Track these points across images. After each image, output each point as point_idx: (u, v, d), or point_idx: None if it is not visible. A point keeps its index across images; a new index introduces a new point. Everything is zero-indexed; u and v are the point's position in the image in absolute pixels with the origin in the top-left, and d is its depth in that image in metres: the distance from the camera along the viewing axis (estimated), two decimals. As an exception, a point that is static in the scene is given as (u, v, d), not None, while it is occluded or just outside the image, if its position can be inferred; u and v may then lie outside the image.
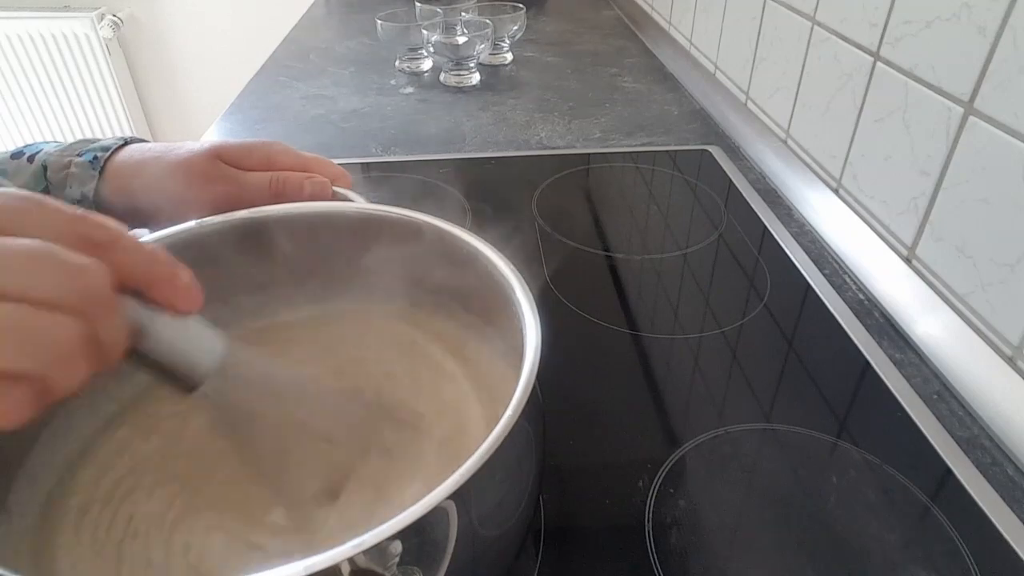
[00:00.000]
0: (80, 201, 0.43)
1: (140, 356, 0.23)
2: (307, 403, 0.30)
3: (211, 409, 0.28)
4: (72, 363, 0.20)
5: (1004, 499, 0.39)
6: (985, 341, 0.47)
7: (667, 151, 0.82)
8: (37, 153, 0.45)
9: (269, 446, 0.29)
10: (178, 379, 0.25)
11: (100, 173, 0.44)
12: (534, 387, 0.26)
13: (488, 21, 1.01)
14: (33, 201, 0.21)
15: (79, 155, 0.44)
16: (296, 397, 0.30)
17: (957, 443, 0.42)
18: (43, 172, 0.44)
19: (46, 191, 0.44)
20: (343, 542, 0.20)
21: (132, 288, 0.23)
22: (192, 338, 0.25)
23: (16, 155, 0.45)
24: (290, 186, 0.42)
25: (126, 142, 0.46)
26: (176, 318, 0.24)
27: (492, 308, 0.33)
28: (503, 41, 1.09)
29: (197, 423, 0.34)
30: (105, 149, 0.45)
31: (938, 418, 0.44)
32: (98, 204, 0.44)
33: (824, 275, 0.59)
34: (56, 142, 0.47)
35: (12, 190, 0.21)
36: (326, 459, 0.30)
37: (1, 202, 0.21)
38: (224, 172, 0.43)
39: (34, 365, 0.19)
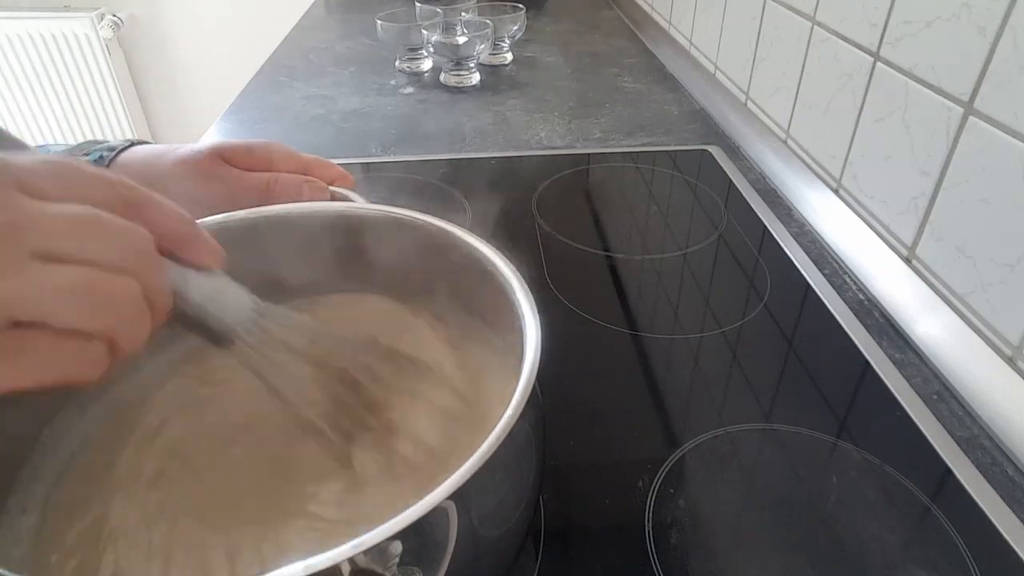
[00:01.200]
0: None
1: (178, 314, 0.25)
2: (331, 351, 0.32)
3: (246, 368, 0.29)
4: (137, 321, 0.22)
5: (1004, 499, 0.39)
6: (985, 341, 0.47)
7: (667, 151, 0.82)
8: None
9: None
10: (213, 333, 0.27)
11: None
12: (534, 387, 0.26)
13: (488, 21, 1.01)
14: (72, 167, 0.22)
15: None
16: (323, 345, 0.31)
17: (957, 443, 0.42)
18: None
19: None
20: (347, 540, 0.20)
21: (165, 248, 0.25)
22: (222, 294, 0.27)
23: None
24: (289, 189, 0.43)
25: (131, 143, 0.46)
26: (205, 275, 0.26)
27: (492, 308, 0.33)
28: (503, 41, 1.09)
29: (195, 419, 0.34)
30: (111, 149, 0.45)
31: (938, 418, 0.44)
32: None
33: (824, 275, 0.59)
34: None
35: (51, 156, 0.22)
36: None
37: (44, 169, 0.21)
38: (224, 172, 0.43)
39: (106, 324, 0.21)
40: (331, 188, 0.44)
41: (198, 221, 0.36)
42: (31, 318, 0.19)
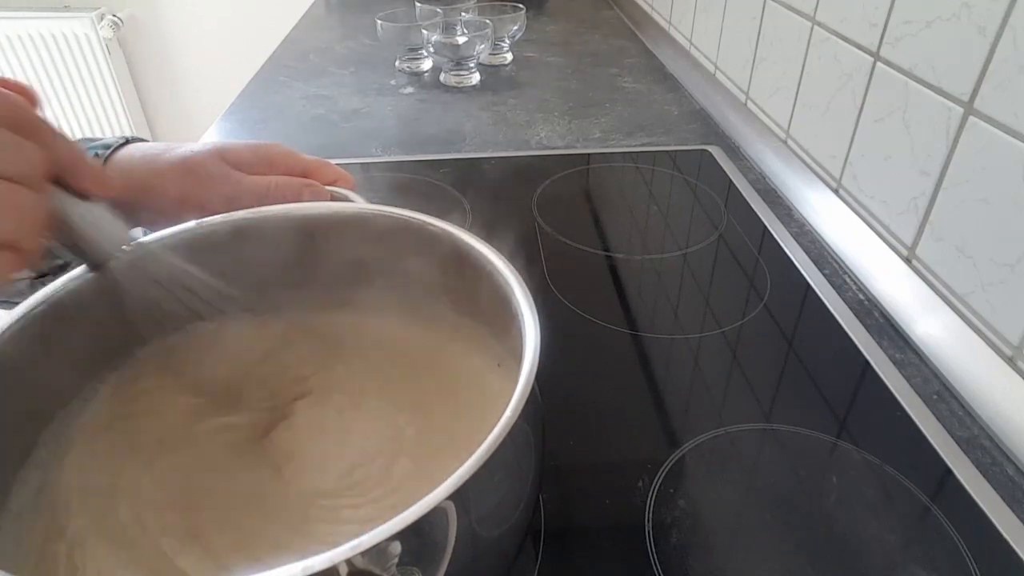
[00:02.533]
0: None
1: (58, 235, 0.28)
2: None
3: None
4: (36, 229, 0.24)
5: (1004, 499, 0.39)
6: (985, 341, 0.47)
7: (667, 151, 0.82)
8: None
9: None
10: (86, 256, 0.30)
11: None
12: (533, 387, 0.26)
13: (488, 21, 1.01)
14: None
15: None
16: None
17: (957, 443, 0.42)
18: None
19: None
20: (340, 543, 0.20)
21: (54, 173, 0.27)
22: (101, 222, 0.30)
23: None
24: (288, 192, 0.42)
25: (127, 141, 0.46)
26: (88, 204, 0.29)
27: (491, 308, 0.33)
28: (503, 41, 1.09)
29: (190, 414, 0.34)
30: (107, 147, 0.45)
31: (938, 418, 0.44)
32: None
33: (824, 275, 0.59)
34: None
35: None
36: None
37: None
38: (225, 173, 0.43)
39: (4, 231, 0.23)
40: (331, 189, 0.44)
41: (198, 221, 0.36)
42: None
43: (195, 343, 0.36)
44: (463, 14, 1.06)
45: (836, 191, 0.65)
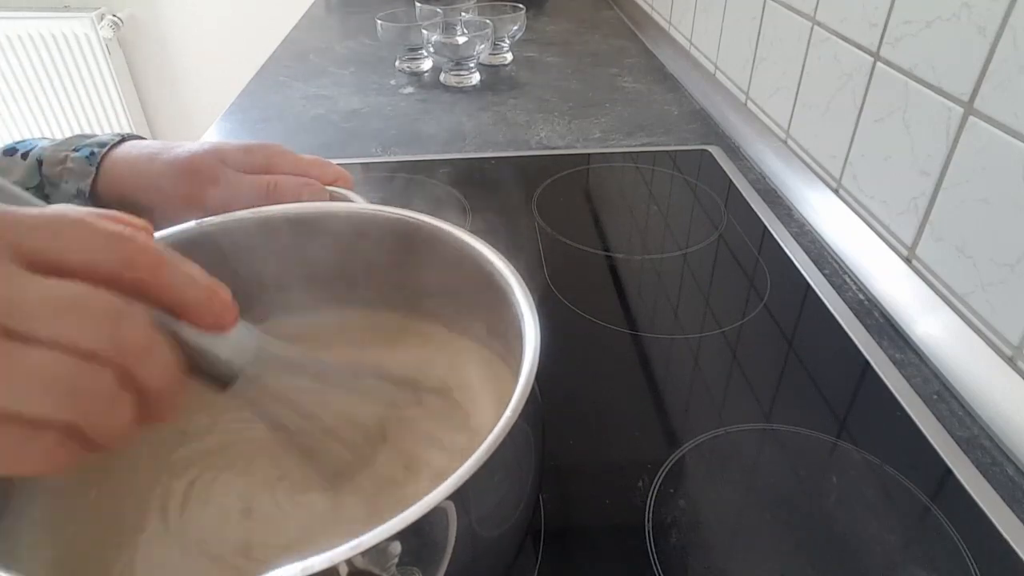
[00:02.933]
0: (76, 197, 0.43)
1: (185, 364, 0.24)
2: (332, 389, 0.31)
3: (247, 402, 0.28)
4: (109, 412, 0.20)
5: (1004, 499, 0.39)
6: (985, 341, 0.47)
7: (667, 151, 0.82)
8: (31, 150, 0.45)
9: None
10: (215, 378, 0.25)
11: (97, 169, 0.44)
12: (533, 387, 0.26)
13: (488, 21, 1.01)
14: (80, 225, 0.20)
15: (75, 150, 0.44)
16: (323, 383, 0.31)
17: (957, 443, 0.42)
18: (37, 167, 0.44)
19: (41, 186, 0.44)
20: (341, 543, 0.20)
21: (177, 313, 0.23)
22: (226, 342, 0.25)
23: (9, 152, 0.45)
24: (287, 192, 0.42)
25: (123, 139, 0.46)
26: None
27: (491, 308, 0.33)
28: (503, 41, 1.09)
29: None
30: (102, 145, 0.44)
31: (938, 418, 0.44)
32: (94, 200, 0.44)
33: (824, 275, 0.58)
34: (49, 139, 0.46)
35: (60, 211, 0.20)
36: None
37: (47, 227, 0.20)
38: (223, 174, 0.43)
39: (65, 414, 0.19)
40: (330, 188, 0.44)
41: (198, 221, 0.36)
42: None
43: None
44: (463, 14, 1.06)
45: (836, 191, 0.65)
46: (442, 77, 1.02)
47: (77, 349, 0.19)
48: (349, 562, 0.19)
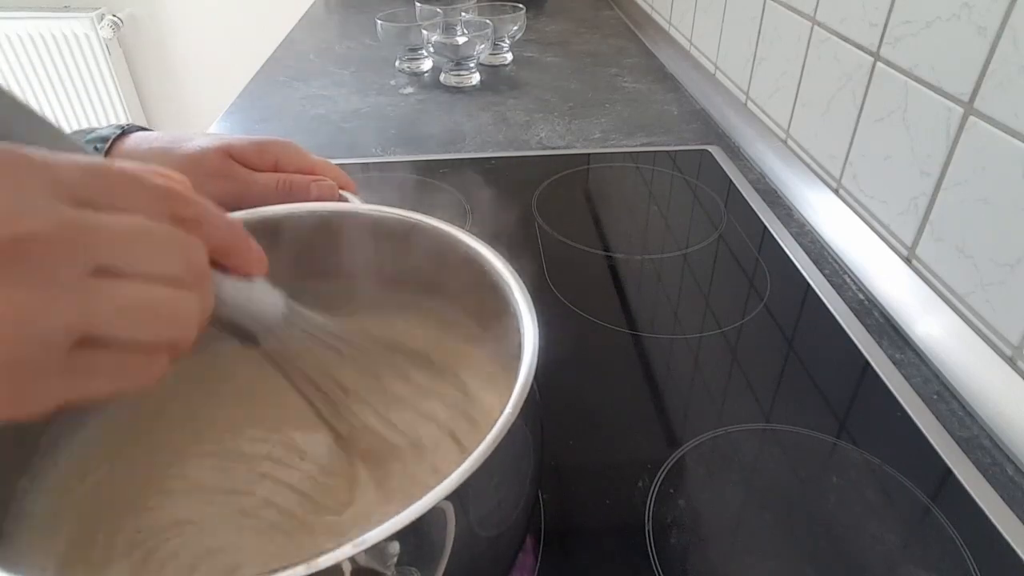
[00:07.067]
0: None
1: (214, 316, 0.25)
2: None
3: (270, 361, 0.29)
4: (193, 331, 0.22)
5: (1004, 499, 0.39)
6: (985, 341, 0.47)
7: (667, 151, 0.82)
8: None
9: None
10: (244, 333, 0.27)
11: None
12: (532, 387, 0.26)
13: (488, 21, 1.01)
14: (118, 172, 0.21)
15: None
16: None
17: (957, 443, 0.42)
18: None
19: None
20: (342, 543, 0.20)
21: (213, 257, 0.24)
22: (257, 297, 0.27)
23: None
24: (297, 189, 0.42)
25: (123, 130, 0.46)
26: (243, 280, 0.26)
27: (490, 308, 0.33)
28: (503, 41, 1.09)
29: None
30: (104, 140, 0.44)
31: (938, 418, 0.44)
32: None
33: (824, 275, 0.58)
34: None
35: (94, 160, 0.21)
36: None
37: (89, 174, 0.20)
38: (233, 170, 0.43)
39: (168, 337, 0.21)
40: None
41: None
42: (97, 337, 0.19)
43: None
44: (463, 14, 1.06)
45: (836, 191, 0.65)
46: (442, 77, 1.02)
47: (163, 277, 0.21)
48: (352, 560, 0.19)
